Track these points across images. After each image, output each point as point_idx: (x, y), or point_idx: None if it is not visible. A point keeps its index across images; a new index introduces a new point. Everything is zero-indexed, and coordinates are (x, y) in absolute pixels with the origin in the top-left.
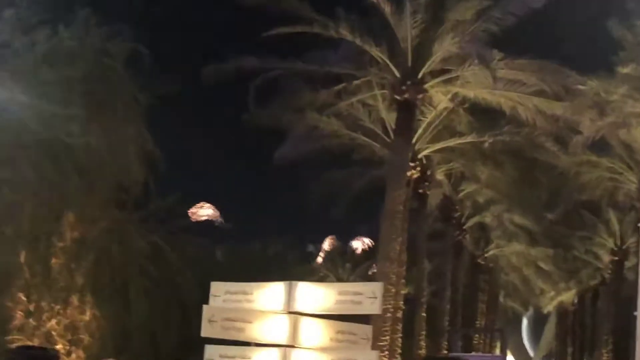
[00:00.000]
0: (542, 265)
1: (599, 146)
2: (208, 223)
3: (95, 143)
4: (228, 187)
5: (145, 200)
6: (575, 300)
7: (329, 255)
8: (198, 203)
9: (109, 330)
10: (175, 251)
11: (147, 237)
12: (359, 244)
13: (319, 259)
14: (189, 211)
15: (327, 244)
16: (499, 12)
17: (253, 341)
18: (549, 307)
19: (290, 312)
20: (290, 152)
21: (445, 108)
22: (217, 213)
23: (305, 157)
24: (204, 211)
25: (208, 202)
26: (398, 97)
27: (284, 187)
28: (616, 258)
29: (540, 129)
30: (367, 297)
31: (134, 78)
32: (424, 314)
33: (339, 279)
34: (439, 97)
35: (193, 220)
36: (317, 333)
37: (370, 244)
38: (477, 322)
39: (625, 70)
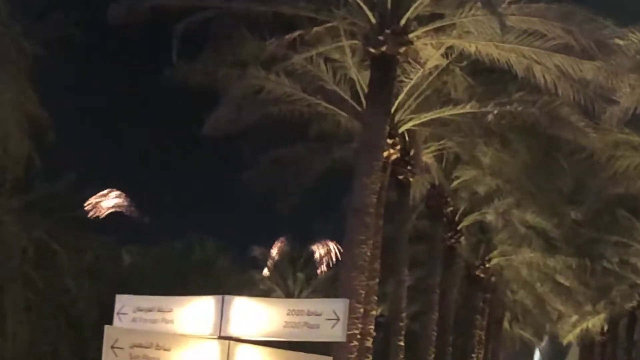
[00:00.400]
0: (561, 280)
1: None
2: (114, 216)
3: None
4: (143, 169)
5: (28, 183)
6: (605, 328)
7: (277, 262)
8: (102, 189)
9: None
10: (69, 252)
11: (30, 232)
12: (321, 249)
13: (265, 270)
14: (89, 200)
15: (275, 250)
16: None
17: None
18: (570, 337)
19: (222, 337)
20: (227, 122)
21: (436, 67)
22: (127, 203)
23: (247, 128)
24: (109, 201)
25: (115, 188)
26: (373, 51)
27: (218, 168)
28: None
29: (563, 98)
30: (327, 318)
31: (17, 19)
32: (402, 343)
33: (289, 294)
34: (428, 52)
35: (93, 213)
36: None
37: (336, 249)
38: (474, 355)
39: None
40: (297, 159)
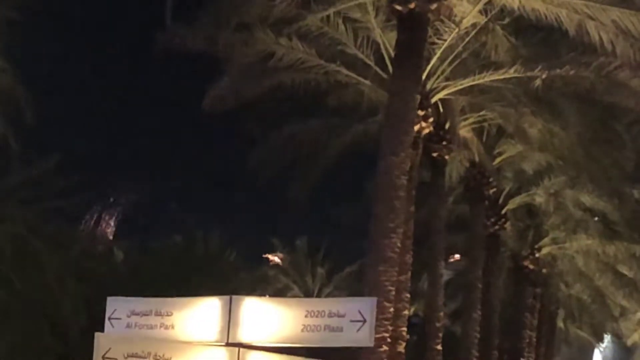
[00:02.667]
0: (623, 270)
1: None
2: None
3: None
4: (135, 149)
5: (3, 169)
6: None
7: (290, 256)
8: (89, 179)
9: None
10: (51, 248)
11: (6, 225)
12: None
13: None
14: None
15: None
16: None
17: None
18: (635, 337)
19: (230, 344)
20: (230, 94)
21: (474, 25)
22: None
23: (254, 100)
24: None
25: (104, 172)
26: (400, 8)
27: (221, 147)
28: None
29: (622, 59)
30: (351, 320)
31: None
32: (439, 347)
33: (308, 293)
34: (464, 8)
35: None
36: None
37: None
38: (524, 359)
39: None
40: (314, 135)
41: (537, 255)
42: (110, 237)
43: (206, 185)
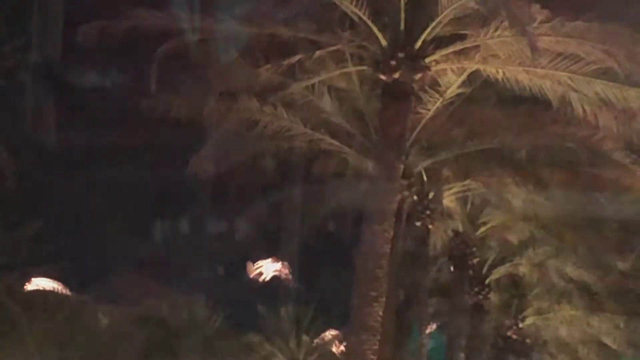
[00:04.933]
0: (608, 341)
1: None
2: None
3: None
4: (120, 214)
5: None
6: None
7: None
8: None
9: None
10: (32, 314)
11: None
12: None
13: None
14: None
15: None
16: None
17: None
18: None
19: None
20: (214, 162)
21: (458, 96)
22: None
23: (237, 169)
24: None
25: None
26: (384, 77)
27: (204, 217)
28: None
29: (605, 131)
30: None
31: None
32: None
33: None
34: (448, 79)
35: None
36: None
37: None
38: None
39: None
40: (296, 203)
41: (520, 325)
42: None
43: (190, 249)
